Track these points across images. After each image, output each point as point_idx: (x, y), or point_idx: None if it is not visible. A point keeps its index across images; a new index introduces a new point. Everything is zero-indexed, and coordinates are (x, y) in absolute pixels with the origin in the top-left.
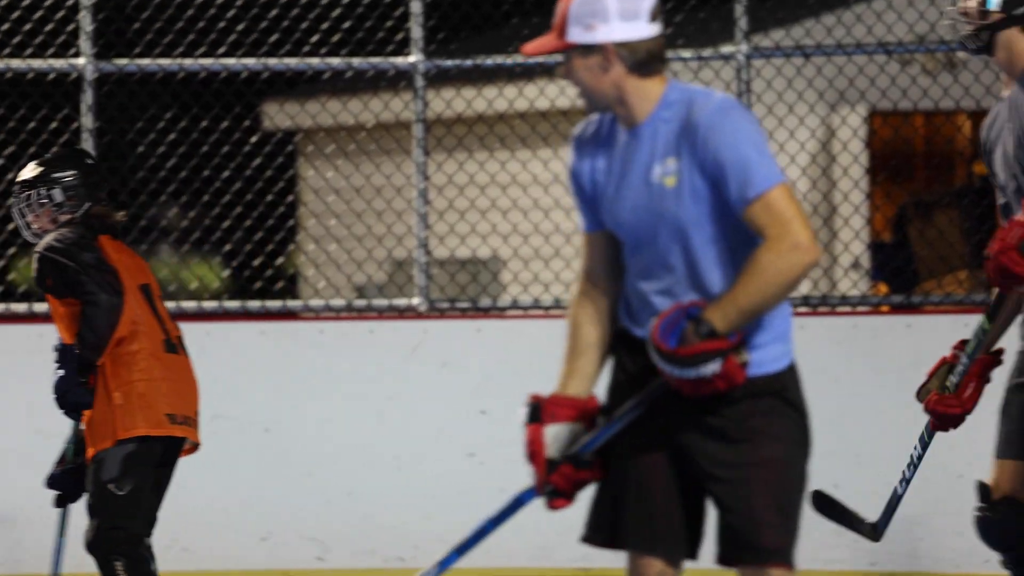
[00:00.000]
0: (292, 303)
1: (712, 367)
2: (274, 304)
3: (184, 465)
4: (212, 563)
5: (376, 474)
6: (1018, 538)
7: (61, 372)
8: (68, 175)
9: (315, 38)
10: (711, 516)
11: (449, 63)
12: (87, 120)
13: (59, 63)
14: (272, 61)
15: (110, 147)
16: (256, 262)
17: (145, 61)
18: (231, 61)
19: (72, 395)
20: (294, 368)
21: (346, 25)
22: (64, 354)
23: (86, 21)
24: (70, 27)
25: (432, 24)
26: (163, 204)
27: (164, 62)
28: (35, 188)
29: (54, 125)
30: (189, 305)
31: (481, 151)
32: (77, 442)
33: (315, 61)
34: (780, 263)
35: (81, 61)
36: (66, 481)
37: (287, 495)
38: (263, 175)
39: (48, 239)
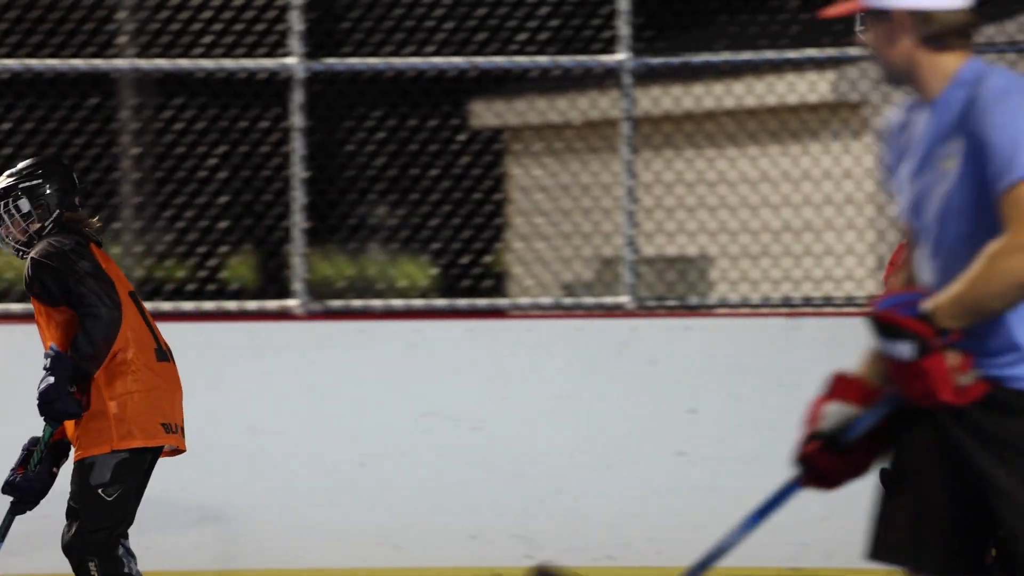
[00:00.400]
0: (500, 301)
1: (904, 349)
2: (482, 302)
3: (392, 463)
4: (422, 561)
5: (585, 472)
6: None
7: (51, 379)
8: (35, 184)
9: (523, 36)
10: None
11: (657, 61)
12: (297, 119)
13: (270, 63)
14: (480, 59)
15: (320, 146)
16: (464, 260)
17: (354, 60)
18: (439, 60)
19: (61, 404)
20: (502, 366)
21: (553, 23)
22: (57, 361)
23: (297, 21)
24: (281, 27)
25: (639, 22)
26: (372, 202)
27: (373, 61)
28: (5, 199)
29: (264, 124)
30: (398, 303)
31: (689, 149)
32: (44, 450)
33: (523, 59)
34: (1007, 262)
35: (292, 61)
36: (28, 488)
37: (496, 493)
38: (471, 173)
39: (43, 245)
